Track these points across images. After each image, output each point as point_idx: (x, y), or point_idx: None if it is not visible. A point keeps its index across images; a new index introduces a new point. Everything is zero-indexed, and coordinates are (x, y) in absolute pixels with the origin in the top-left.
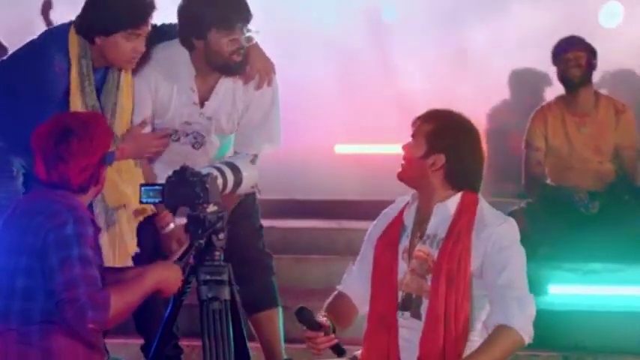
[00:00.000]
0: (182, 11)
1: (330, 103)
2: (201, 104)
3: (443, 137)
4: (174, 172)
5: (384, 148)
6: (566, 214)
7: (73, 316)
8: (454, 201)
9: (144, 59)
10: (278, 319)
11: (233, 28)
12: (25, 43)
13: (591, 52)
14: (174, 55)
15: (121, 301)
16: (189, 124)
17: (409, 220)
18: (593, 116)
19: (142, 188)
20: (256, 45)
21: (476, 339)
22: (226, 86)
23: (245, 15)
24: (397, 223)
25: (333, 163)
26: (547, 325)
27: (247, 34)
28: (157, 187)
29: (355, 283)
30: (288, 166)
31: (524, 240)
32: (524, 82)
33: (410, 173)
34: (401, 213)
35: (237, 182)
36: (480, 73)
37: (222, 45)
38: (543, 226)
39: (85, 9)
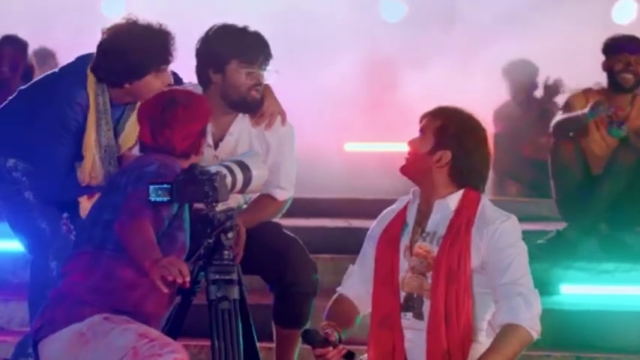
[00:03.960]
0: (202, 45)
1: (340, 101)
2: (215, 146)
3: (450, 133)
4: (183, 170)
5: (394, 146)
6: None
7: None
8: (455, 198)
9: None
10: (299, 338)
11: (253, 62)
12: (47, 74)
13: None
14: None
15: (136, 233)
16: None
17: (411, 217)
18: (627, 112)
19: (151, 187)
20: (270, 89)
21: (483, 339)
22: (241, 127)
23: (266, 52)
24: (399, 220)
25: (342, 162)
26: (560, 325)
27: (266, 70)
28: (165, 186)
29: (357, 284)
30: (297, 164)
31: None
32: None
33: (414, 168)
34: (404, 209)
35: (247, 181)
36: (492, 73)
37: (241, 78)
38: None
39: (106, 57)
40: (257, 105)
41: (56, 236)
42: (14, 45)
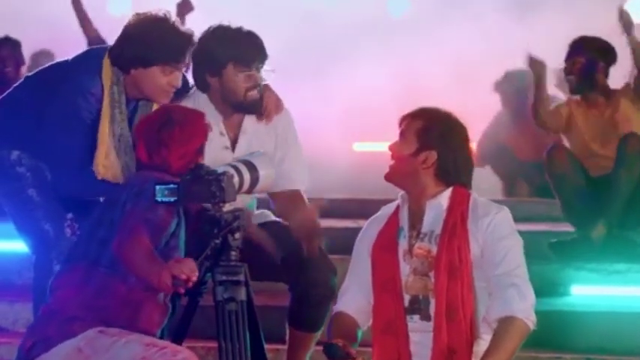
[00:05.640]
0: (198, 49)
1: (349, 101)
2: (232, 148)
3: (434, 133)
4: (190, 170)
5: None
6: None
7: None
8: (445, 196)
9: None
10: (313, 341)
11: (250, 65)
12: (58, 62)
13: (597, 55)
14: (199, 101)
15: (137, 250)
16: None
17: (404, 220)
18: (611, 107)
19: (157, 187)
20: (268, 85)
21: (484, 335)
22: (252, 124)
23: (262, 54)
24: (393, 224)
25: (351, 162)
26: (570, 326)
27: (263, 70)
28: (171, 186)
29: (355, 297)
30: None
31: None
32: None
33: (399, 172)
34: (395, 214)
35: (254, 181)
36: (500, 73)
37: (239, 81)
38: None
39: (122, 40)
40: (257, 105)
41: (60, 239)
42: (12, 44)
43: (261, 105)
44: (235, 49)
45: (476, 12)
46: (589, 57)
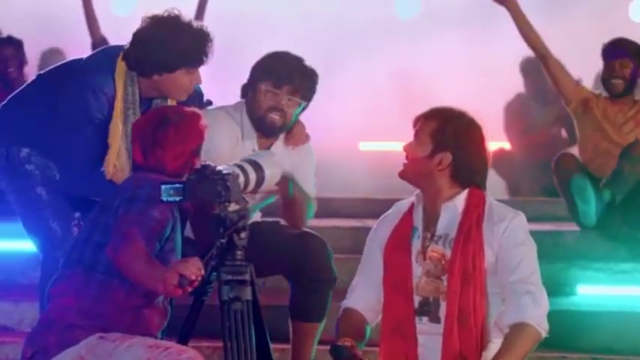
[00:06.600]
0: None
1: (355, 100)
2: None
3: (448, 135)
4: (195, 170)
5: None
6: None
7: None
8: (461, 198)
9: (219, 117)
10: (318, 333)
11: (279, 86)
12: (71, 60)
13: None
14: (242, 115)
15: (133, 256)
16: None
17: (418, 221)
18: (627, 117)
19: (162, 186)
20: (301, 122)
21: (495, 339)
22: (280, 149)
23: (296, 80)
24: (407, 224)
25: (357, 161)
26: (576, 326)
27: (289, 97)
28: (177, 186)
29: (365, 294)
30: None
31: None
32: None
33: (414, 172)
34: (409, 214)
35: (260, 181)
36: (505, 73)
37: (261, 97)
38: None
39: (140, 47)
40: (275, 130)
41: (67, 238)
42: (14, 44)
43: (279, 132)
44: (270, 69)
45: (480, 11)
46: (636, 62)
